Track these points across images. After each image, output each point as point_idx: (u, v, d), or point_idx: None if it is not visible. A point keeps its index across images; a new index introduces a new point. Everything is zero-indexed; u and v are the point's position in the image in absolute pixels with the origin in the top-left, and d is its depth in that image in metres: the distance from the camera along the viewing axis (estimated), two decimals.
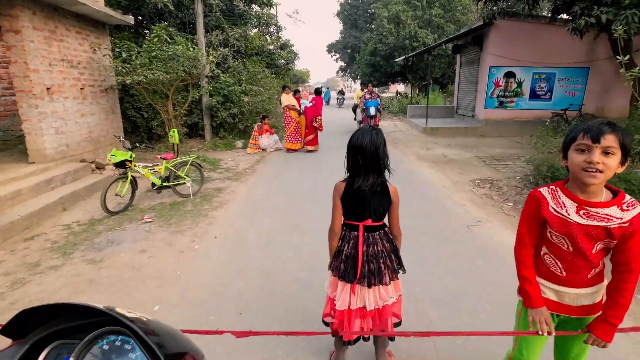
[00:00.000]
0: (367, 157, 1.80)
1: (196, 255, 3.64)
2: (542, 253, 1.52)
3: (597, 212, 1.33)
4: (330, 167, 7.42)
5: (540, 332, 1.45)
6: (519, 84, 10.75)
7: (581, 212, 1.35)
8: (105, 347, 0.86)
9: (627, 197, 1.34)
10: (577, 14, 6.66)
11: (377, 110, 10.09)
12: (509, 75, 10.71)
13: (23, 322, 0.85)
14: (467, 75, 12.86)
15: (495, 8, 9.08)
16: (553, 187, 1.44)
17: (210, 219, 4.65)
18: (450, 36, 14.40)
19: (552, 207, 1.40)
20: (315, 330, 2.40)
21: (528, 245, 1.51)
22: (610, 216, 1.31)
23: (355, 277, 1.90)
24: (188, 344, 0.90)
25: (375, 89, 12.46)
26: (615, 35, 4.80)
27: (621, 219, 1.30)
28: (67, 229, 4.34)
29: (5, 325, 0.84)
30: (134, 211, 4.94)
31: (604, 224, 1.32)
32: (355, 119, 12.72)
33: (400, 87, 35.84)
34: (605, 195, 1.35)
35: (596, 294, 1.49)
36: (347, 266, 1.93)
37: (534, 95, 10.80)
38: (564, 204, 1.39)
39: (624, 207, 1.31)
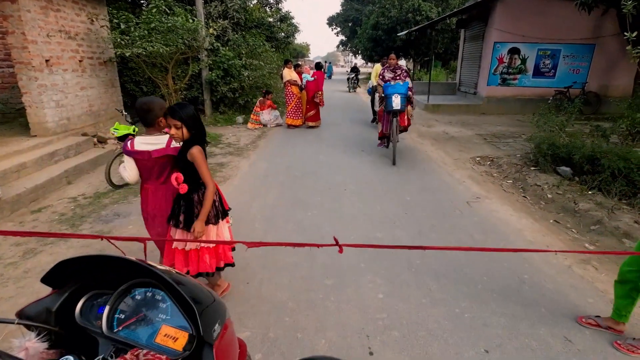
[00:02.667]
0: None
1: None
2: None
3: None
4: (332, 142, 7.43)
5: None
6: (523, 61, 10.60)
7: None
8: (138, 297, 0.94)
9: None
10: None
11: (407, 99, 5.76)
12: (513, 51, 10.54)
13: (61, 272, 0.93)
14: (470, 51, 12.64)
15: None
16: None
17: None
18: (455, 10, 14.04)
19: None
20: (320, 298, 2.52)
21: None
22: None
23: (228, 208, 2.56)
24: (214, 295, 0.97)
25: (403, 62, 5.40)
26: (624, 10, 4.70)
27: None
28: (74, 202, 4.40)
29: (45, 275, 0.92)
30: (138, 185, 4.98)
31: None
32: (374, 111, 9.18)
33: (402, 62, 35.14)
34: None
35: None
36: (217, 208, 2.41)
37: (537, 72, 10.68)
38: None
39: None
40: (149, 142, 2.28)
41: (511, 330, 2.30)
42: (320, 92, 8.95)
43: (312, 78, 8.86)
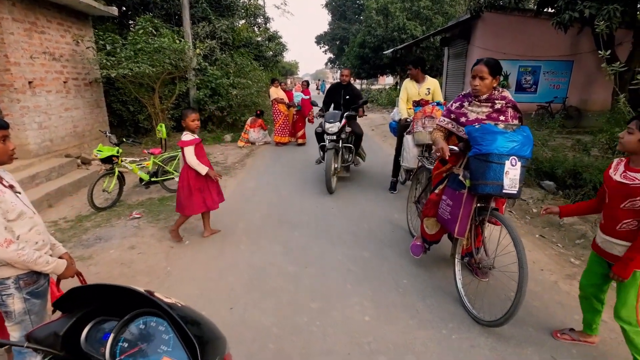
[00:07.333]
0: None
1: (186, 251, 3.65)
2: None
3: (632, 175, 1.83)
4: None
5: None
6: (506, 77, 10.87)
7: (622, 174, 1.89)
8: (142, 326, 0.96)
9: None
10: (561, 8, 6.76)
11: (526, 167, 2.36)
12: None
13: (72, 298, 0.97)
14: (455, 67, 12.95)
15: (482, 1, 9.13)
16: (623, 157, 1.99)
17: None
18: (438, 29, 14.47)
19: (611, 170, 1.98)
20: (305, 322, 2.46)
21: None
22: (637, 178, 1.81)
23: None
24: (215, 329, 0.97)
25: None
26: (597, 30, 4.89)
27: None
28: (54, 226, 4.29)
29: (57, 300, 0.97)
30: (122, 207, 4.90)
31: (628, 182, 1.84)
32: (399, 177, 5.18)
33: (389, 79, 35.92)
34: None
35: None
36: None
37: (519, 88, 10.96)
38: (617, 169, 1.95)
39: None
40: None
41: (499, 351, 2.27)
42: (312, 111, 9.06)
43: (307, 97, 8.95)
